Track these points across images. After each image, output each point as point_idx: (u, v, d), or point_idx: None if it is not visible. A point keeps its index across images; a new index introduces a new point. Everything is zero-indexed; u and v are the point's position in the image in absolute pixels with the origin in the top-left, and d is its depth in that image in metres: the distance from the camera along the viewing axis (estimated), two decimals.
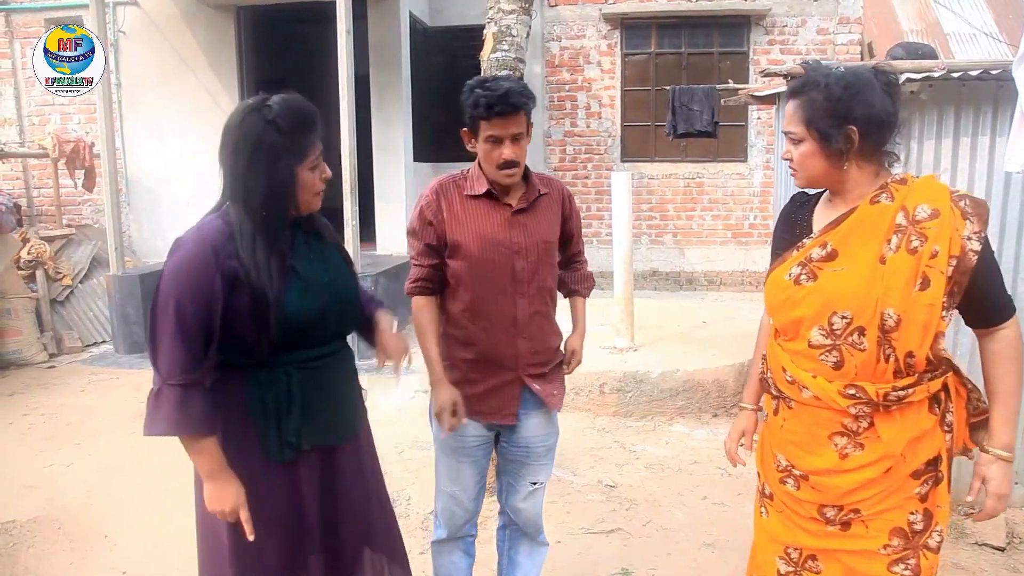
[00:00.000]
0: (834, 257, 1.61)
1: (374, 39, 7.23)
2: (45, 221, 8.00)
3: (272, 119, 1.66)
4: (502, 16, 3.27)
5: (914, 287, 1.52)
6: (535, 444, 2.25)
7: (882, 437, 1.59)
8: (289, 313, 1.69)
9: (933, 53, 4.24)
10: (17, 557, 3.18)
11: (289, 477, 1.78)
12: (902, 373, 1.58)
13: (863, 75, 1.58)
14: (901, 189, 1.58)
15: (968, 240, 1.54)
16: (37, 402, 5.25)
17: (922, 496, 1.62)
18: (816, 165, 1.62)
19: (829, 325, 1.60)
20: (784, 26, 8.05)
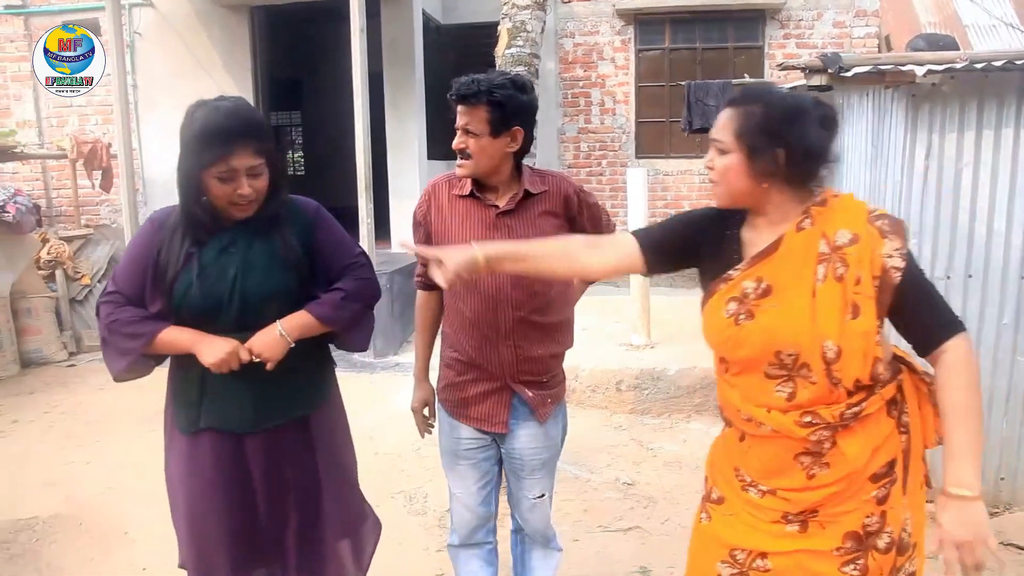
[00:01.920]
0: (769, 293, 1.57)
1: (387, 37, 7.23)
2: (64, 221, 8.06)
3: (193, 120, 1.77)
4: (517, 12, 3.26)
5: (847, 316, 1.49)
6: (528, 457, 2.18)
7: (847, 454, 1.56)
8: (176, 296, 1.83)
9: (955, 44, 4.18)
10: (40, 552, 3.22)
11: (194, 452, 1.91)
12: (853, 391, 1.55)
13: (803, 103, 1.55)
14: (822, 212, 1.55)
15: (889, 258, 1.50)
16: (57, 400, 5.30)
17: (879, 499, 1.58)
18: (737, 180, 1.57)
19: (779, 361, 1.56)
20: (800, 20, 7.98)
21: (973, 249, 3.31)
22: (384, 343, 6.18)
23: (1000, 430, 3.37)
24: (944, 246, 3.34)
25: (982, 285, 3.32)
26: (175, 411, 1.94)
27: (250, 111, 1.84)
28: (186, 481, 1.91)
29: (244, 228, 1.88)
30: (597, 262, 1.74)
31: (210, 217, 1.84)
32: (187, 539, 1.95)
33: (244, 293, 1.85)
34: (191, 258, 1.83)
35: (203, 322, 1.84)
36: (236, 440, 1.90)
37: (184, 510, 1.93)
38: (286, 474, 1.95)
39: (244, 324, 1.87)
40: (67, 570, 3.09)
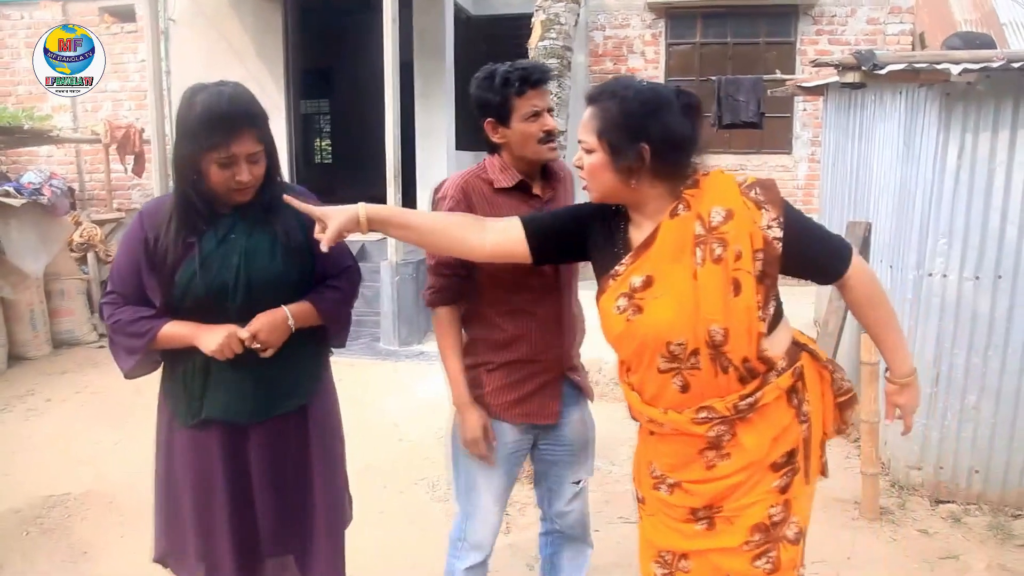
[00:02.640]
0: (651, 284, 1.55)
1: (419, 27, 7.26)
2: (96, 205, 8.21)
3: (195, 104, 1.73)
4: (551, 4, 3.26)
5: (729, 295, 1.49)
6: (577, 439, 2.18)
7: (745, 446, 1.56)
8: (178, 287, 1.80)
9: (992, 43, 4.12)
10: (71, 528, 3.31)
11: (196, 444, 1.89)
12: (746, 379, 1.55)
13: (663, 94, 1.53)
14: (695, 195, 1.53)
15: (768, 229, 1.50)
16: (88, 381, 5.42)
17: (781, 488, 1.59)
18: (605, 179, 1.56)
19: (670, 352, 1.55)
20: (833, 16, 7.89)
21: (1003, 250, 3.28)
22: (409, 332, 6.23)
23: None
24: (974, 246, 3.31)
25: (1011, 286, 3.28)
26: (173, 405, 1.91)
27: (251, 97, 1.80)
28: (191, 474, 1.89)
29: (242, 215, 1.86)
30: (479, 244, 1.70)
31: (206, 203, 1.81)
32: (192, 532, 1.91)
33: (249, 280, 1.83)
34: (191, 247, 1.80)
35: (208, 312, 1.82)
36: (239, 431, 1.89)
37: (189, 504, 1.90)
38: (285, 464, 1.95)
39: (249, 313, 1.85)
40: (97, 546, 3.16)
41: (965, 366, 3.37)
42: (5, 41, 8.61)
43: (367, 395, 4.97)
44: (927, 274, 3.39)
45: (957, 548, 3.06)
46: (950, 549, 3.06)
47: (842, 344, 4.29)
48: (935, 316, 3.39)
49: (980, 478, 3.41)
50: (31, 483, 3.72)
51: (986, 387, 3.36)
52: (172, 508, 1.94)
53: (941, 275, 3.36)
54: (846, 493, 3.50)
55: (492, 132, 2.00)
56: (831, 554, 3.03)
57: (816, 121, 7.96)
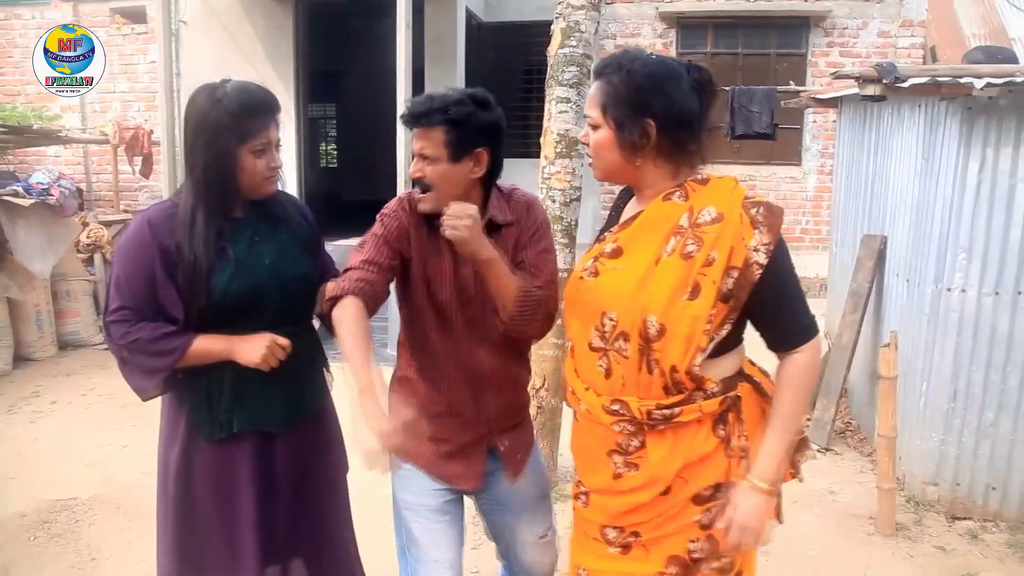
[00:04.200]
0: (618, 255, 1.50)
1: (431, 34, 7.27)
2: (103, 206, 8.19)
3: (220, 99, 1.71)
4: (571, 12, 3.24)
5: (682, 295, 1.40)
6: (521, 498, 1.93)
7: (650, 458, 1.47)
8: (216, 292, 1.73)
9: (1014, 58, 4.11)
10: (79, 534, 3.27)
11: (222, 457, 1.83)
12: (671, 390, 1.45)
13: (672, 67, 1.44)
14: (697, 189, 1.46)
15: (754, 252, 1.40)
16: (95, 383, 5.39)
17: (703, 524, 1.49)
18: (610, 156, 1.49)
19: (602, 326, 1.48)
20: (844, 28, 7.88)
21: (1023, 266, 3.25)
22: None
23: None
24: (994, 262, 3.28)
25: None
26: (194, 419, 1.81)
27: (267, 88, 1.82)
28: (214, 487, 1.83)
29: (259, 215, 1.84)
30: None
31: (232, 204, 1.79)
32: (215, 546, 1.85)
33: (282, 281, 1.82)
34: (223, 251, 1.76)
35: (244, 316, 1.78)
36: (267, 439, 1.86)
37: (214, 518, 1.84)
38: (307, 469, 1.94)
39: (283, 314, 1.84)
40: (106, 551, 3.13)
41: (983, 382, 3.34)
42: (16, 40, 8.61)
43: None
44: (946, 289, 3.36)
45: (976, 566, 3.03)
46: (969, 566, 3.03)
47: (856, 357, 4.27)
48: (953, 332, 3.36)
49: (997, 495, 3.38)
50: (38, 487, 3.68)
51: (1004, 404, 3.33)
52: (189, 525, 1.86)
53: (960, 290, 3.34)
54: (861, 508, 3.47)
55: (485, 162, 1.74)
56: (849, 570, 3.00)
57: (826, 133, 7.94)
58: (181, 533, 1.87)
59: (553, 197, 3.38)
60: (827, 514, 3.43)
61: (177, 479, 1.85)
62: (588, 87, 3.47)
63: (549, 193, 3.39)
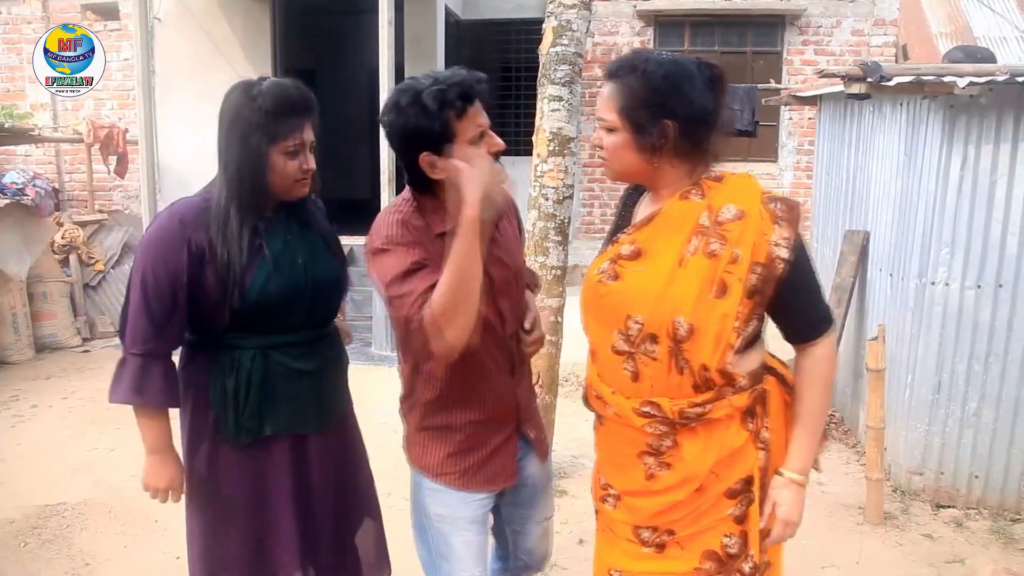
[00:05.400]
0: (638, 256, 1.49)
1: (411, 31, 7.25)
2: (76, 206, 8.04)
3: (255, 96, 1.67)
4: (563, 11, 3.25)
5: (709, 294, 1.41)
6: (540, 483, 1.96)
7: (684, 457, 1.48)
8: (252, 291, 1.69)
9: (992, 57, 4.22)
10: (71, 539, 3.22)
11: (252, 461, 1.79)
12: (701, 388, 1.46)
13: (685, 66, 1.44)
14: (714, 187, 1.46)
15: (776, 246, 1.41)
16: (75, 386, 5.29)
17: (737, 518, 1.50)
18: (627, 158, 1.47)
19: (627, 330, 1.48)
20: (819, 26, 8.01)
21: (1004, 260, 3.35)
22: None
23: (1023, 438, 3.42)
24: (976, 256, 3.37)
25: (1012, 295, 3.35)
26: (220, 422, 1.77)
27: (307, 88, 1.77)
28: (246, 492, 1.80)
29: (289, 215, 1.80)
30: None
31: (266, 201, 1.74)
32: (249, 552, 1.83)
33: (316, 283, 1.79)
34: (259, 249, 1.71)
35: (276, 317, 1.74)
36: (301, 442, 1.84)
37: (244, 524, 1.81)
38: (339, 471, 1.93)
39: (313, 316, 1.82)
40: (100, 557, 3.09)
41: (966, 373, 3.44)
42: None
43: (364, 400, 4.89)
44: (930, 283, 3.45)
45: (962, 552, 3.12)
46: (955, 553, 3.11)
47: (840, 351, 4.36)
48: (937, 324, 3.45)
49: (980, 483, 3.48)
50: (24, 493, 3.62)
51: (986, 394, 3.42)
52: (214, 531, 1.83)
53: (944, 284, 3.42)
54: (849, 498, 3.55)
55: (430, 168, 1.59)
56: (840, 559, 3.07)
57: (802, 130, 8.07)
58: (210, 540, 1.84)
59: (546, 195, 3.40)
60: (817, 505, 3.50)
61: (204, 484, 1.81)
62: (579, 85, 3.50)
63: (542, 191, 3.40)
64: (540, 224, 3.41)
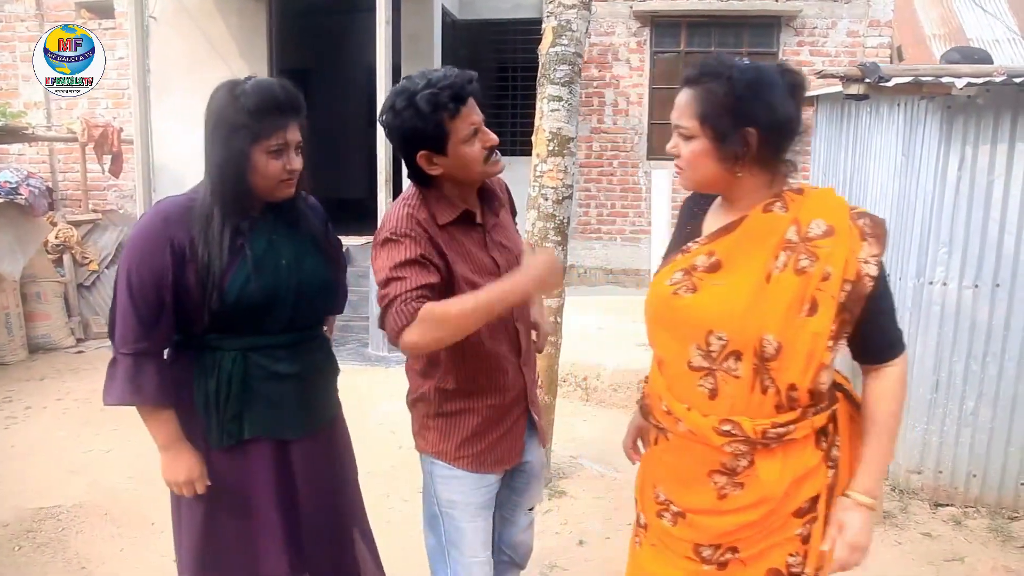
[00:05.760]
0: (717, 268, 1.45)
1: (407, 31, 7.24)
2: (69, 205, 7.98)
3: (238, 96, 1.66)
4: (563, 11, 3.25)
5: (799, 312, 1.37)
6: (537, 467, 2.02)
7: (762, 478, 1.44)
8: (231, 292, 1.68)
9: (989, 58, 4.23)
10: (67, 542, 3.19)
11: (236, 464, 1.78)
12: (784, 407, 1.42)
13: (768, 73, 1.40)
14: (797, 200, 1.42)
15: (865, 264, 1.38)
16: (69, 387, 5.26)
17: (804, 537, 1.47)
18: (706, 166, 1.43)
19: (707, 345, 1.43)
20: (814, 27, 8.03)
21: (1001, 259, 3.36)
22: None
23: (1021, 436, 3.43)
24: (973, 256, 3.38)
25: (1009, 294, 3.37)
26: (204, 424, 1.77)
27: (294, 87, 1.75)
28: (229, 495, 1.80)
29: (277, 216, 1.79)
30: None
31: (251, 201, 1.73)
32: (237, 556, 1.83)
33: (300, 285, 1.77)
34: (241, 250, 1.71)
35: (258, 319, 1.73)
36: (284, 447, 1.82)
37: (231, 528, 1.81)
38: (325, 477, 1.91)
39: (297, 319, 1.80)
40: (96, 560, 3.06)
41: (964, 373, 3.45)
42: None
43: (362, 401, 4.90)
44: (928, 282, 3.46)
45: (961, 551, 3.12)
46: (955, 552, 3.12)
47: None
48: (935, 324, 3.45)
49: (978, 481, 3.49)
50: (19, 495, 3.58)
51: (984, 393, 3.44)
52: (202, 535, 1.82)
53: (941, 283, 3.43)
54: None
55: (428, 164, 1.70)
56: None
57: None
58: (198, 544, 1.83)
59: (545, 195, 3.39)
60: None
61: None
62: (578, 86, 3.49)
63: (541, 191, 3.40)
64: (539, 224, 3.41)
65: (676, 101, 1.46)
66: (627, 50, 8.36)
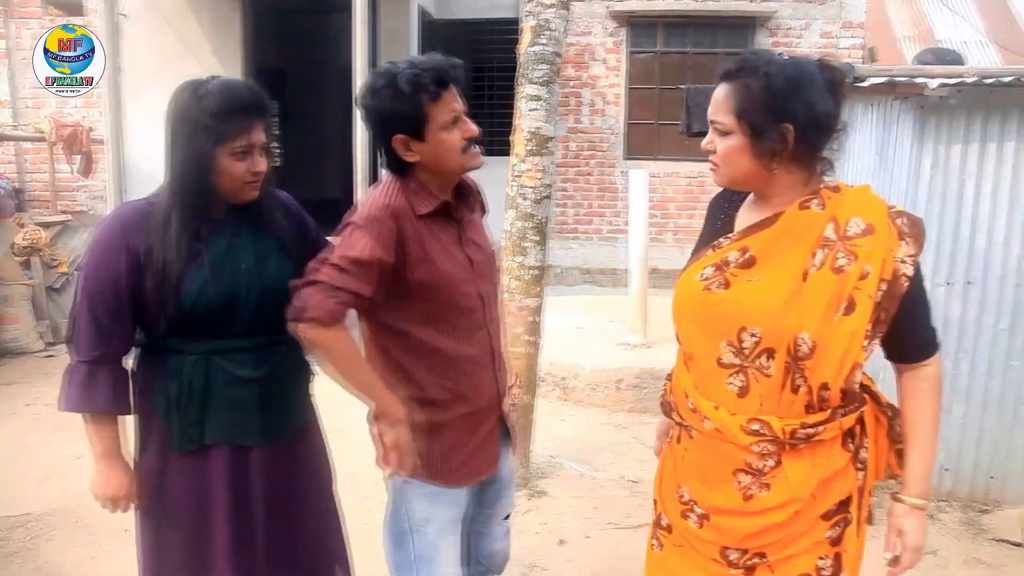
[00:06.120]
0: (752, 264, 1.43)
1: (384, 30, 7.20)
2: (38, 206, 7.83)
3: (201, 96, 1.63)
4: (542, 10, 3.25)
5: (836, 311, 1.36)
6: (508, 475, 1.97)
7: (790, 479, 1.43)
8: (188, 297, 1.65)
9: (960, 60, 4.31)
10: (37, 551, 3.12)
11: (195, 469, 1.74)
12: (814, 407, 1.41)
13: (807, 68, 1.38)
14: (834, 197, 1.40)
15: (902, 263, 1.38)
16: (39, 392, 5.15)
17: (833, 540, 1.47)
18: (742, 163, 1.41)
19: (739, 342, 1.42)
20: (789, 28, 8.11)
21: (973, 257, 3.41)
22: None
23: (992, 431, 3.48)
24: (946, 254, 3.43)
25: (981, 292, 3.42)
26: (164, 428, 1.73)
27: (259, 88, 1.73)
28: (186, 501, 1.75)
29: (241, 217, 1.75)
30: None
31: (210, 205, 1.70)
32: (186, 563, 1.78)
33: (262, 288, 1.73)
34: (198, 254, 1.67)
35: (217, 324, 1.70)
36: (243, 453, 1.77)
37: (183, 534, 1.77)
38: (287, 487, 1.86)
39: (259, 323, 1.74)
40: (67, 569, 3.00)
41: None
42: None
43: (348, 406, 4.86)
44: None
45: (934, 544, 3.16)
46: (928, 545, 3.15)
47: None
48: None
49: (951, 476, 3.54)
50: None
51: (956, 389, 3.48)
52: (162, 536, 1.78)
53: None
54: None
55: (404, 150, 1.66)
56: None
57: None
58: (155, 545, 1.80)
59: (524, 195, 3.39)
60: None
61: (149, 489, 1.78)
62: (557, 85, 3.49)
63: (520, 191, 3.39)
64: (518, 224, 3.40)
65: (713, 96, 1.44)
66: (604, 50, 8.38)
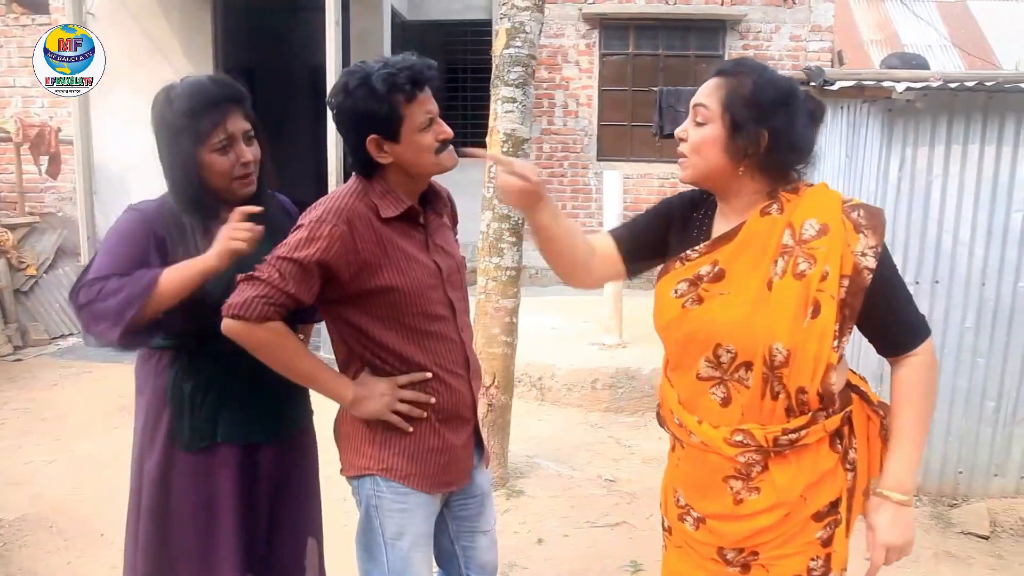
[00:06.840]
0: (721, 278, 1.44)
1: (356, 30, 7.17)
2: (5, 208, 7.67)
3: (172, 99, 1.65)
4: (516, 13, 3.27)
5: (805, 317, 1.36)
6: (486, 485, 1.94)
7: (776, 483, 1.44)
8: (210, 295, 1.65)
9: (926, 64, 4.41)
10: (10, 557, 3.07)
11: (202, 468, 1.76)
12: (795, 411, 1.42)
13: (797, 92, 1.43)
14: (792, 200, 1.42)
15: (862, 256, 1.38)
16: (7, 396, 5.05)
17: (824, 540, 1.47)
18: (713, 155, 1.42)
19: (715, 358, 1.44)
20: (759, 32, 8.22)
21: (940, 257, 3.50)
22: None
23: (960, 427, 3.57)
24: (914, 254, 3.51)
25: (947, 291, 3.51)
26: (175, 427, 1.74)
27: (227, 78, 1.74)
28: (193, 499, 1.76)
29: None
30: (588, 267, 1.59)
31: (213, 202, 1.71)
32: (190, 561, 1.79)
33: None
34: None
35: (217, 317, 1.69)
36: (251, 451, 1.80)
37: (189, 532, 1.78)
38: (287, 481, 1.89)
39: None
40: (43, 574, 2.95)
41: None
42: None
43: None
44: None
45: None
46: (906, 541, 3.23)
47: None
48: None
49: (920, 472, 3.61)
50: None
51: None
52: (163, 537, 1.78)
53: None
54: None
55: (377, 151, 1.62)
56: None
57: None
58: (154, 545, 1.79)
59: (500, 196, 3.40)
60: None
61: (153, 489, 1.77)
62: (532, 87, 3.51)
63: (496, 192, 3.41)
64: (495, 225, 3.42)
65: (703, 84, 1.46)
66: (576, 52, 8.42)
